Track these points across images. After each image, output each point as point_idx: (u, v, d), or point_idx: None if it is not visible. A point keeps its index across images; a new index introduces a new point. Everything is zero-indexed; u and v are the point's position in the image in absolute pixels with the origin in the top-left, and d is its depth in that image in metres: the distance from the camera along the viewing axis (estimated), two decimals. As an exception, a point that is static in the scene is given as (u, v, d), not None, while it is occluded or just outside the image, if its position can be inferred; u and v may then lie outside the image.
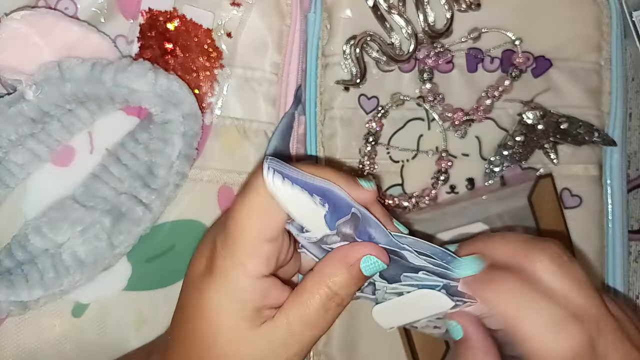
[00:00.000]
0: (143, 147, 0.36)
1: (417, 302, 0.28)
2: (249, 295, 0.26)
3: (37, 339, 0.36)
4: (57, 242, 0.35)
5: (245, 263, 0.26)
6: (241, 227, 0.26)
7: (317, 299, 0.27)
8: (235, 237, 0.26)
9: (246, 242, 0.26)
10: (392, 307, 0.29)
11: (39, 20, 0.35)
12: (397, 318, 0.30)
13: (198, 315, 0.27)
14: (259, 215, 0.26)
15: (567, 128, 0.39)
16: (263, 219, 0.26)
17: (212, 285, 0.27)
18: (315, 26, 0.39)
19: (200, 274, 0.28)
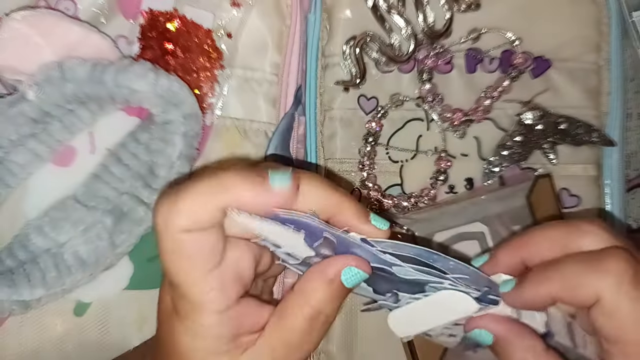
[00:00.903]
0: (144, 147, 0.36)
1: (438, 305, 0.27)
2: (220, 330, 0.25)
3: (39, 338, 0.36)
4: (58, 241, 0.35)
5: (200, 302, 0.24)
6: (174, 274, 0.24)
7: (300, 320, 0.25)
8: (175, 283, 0.25)
9: (190, 285, 0.24)
10: (410, 311, 0.28)
11: (40, 21, 0.35)
12: (414, 325, 0.29)
13: (175, 354, 0.26)
14: (179, 258, 0.24)
15: (566, 128, 0.39)
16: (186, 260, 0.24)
17: (182, 328, 0.25)
18: (315, 27, 0.39)
19: (169, 311, 0.26)
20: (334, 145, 0.40)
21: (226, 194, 0.24)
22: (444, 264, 0.26)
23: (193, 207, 0.23)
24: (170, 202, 0.24)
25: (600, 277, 0.24)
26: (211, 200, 0.23)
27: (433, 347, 0.38)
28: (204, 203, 0.23)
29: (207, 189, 0.24)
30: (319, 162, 0.39)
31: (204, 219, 0.24)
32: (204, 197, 0.24)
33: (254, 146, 0.39)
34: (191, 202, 0.23)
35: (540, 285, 0.26)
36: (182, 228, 0.23)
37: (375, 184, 0.39)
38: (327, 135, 0.40)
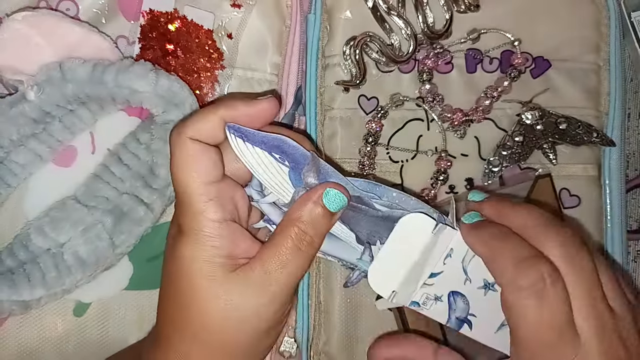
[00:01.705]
0: (144, 147, 0.36)
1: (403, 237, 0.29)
2: (218, 241, 0.28)
3: (38, 338, 0.36)
4: (58, 241, 0.35)
5: (201, 210, 0.27)
6: (179, 180, 0.28)
7: (288, 240, 0.28)
8: (180, 191, 0.28)
9: (193, 192, 0.28)
10: (383, 259, 0.29)
11: (41, 21, 0.35)
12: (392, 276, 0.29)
13: (176, 274, 0.28)
14: (187, 162, 0.28)
15: (565, 128, 0.39)
16: (192, 164, 0.28)
17: (183, 242, 0.28)
18: (315, 27, 0.39)
19: (172, 238, 0.29)
20: (334, 145, 0.40)
21: (225, 108, 0.29)
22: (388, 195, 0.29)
23: (198, 119, 0.28)
24: (183, 120, 0.29)
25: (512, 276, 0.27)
26: (213, 112, 0.28)
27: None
28: (207, 115, 0.28)
29: (211, 106, 0.29)
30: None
31: (207, 128, 0.28)
32: (207, 111, 0.29)
33: (254, 146, 0.39)
34: (197, 115, 0.29)
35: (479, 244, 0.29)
36: (189, 135, 0.28)
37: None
38: (327, 135, 0.40)
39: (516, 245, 0.27)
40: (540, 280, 0.26)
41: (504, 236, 0.28)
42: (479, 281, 0.30)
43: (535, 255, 0.27)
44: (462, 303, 0.30)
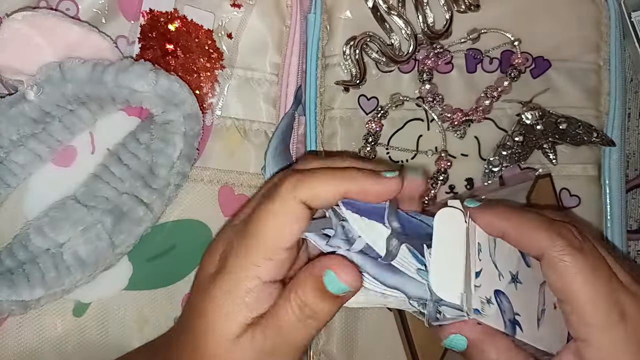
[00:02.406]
0: (144, 147, 0.36)
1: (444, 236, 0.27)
2: (252, 299, 0.26)
3: (38, 338, 0.36)
4: (58, 241, 0.35)
5: (258, 263, 0.26)
6: (263, 228, 0.26)
7: (291, 314, 0.26)
8: (256, 236, 0.26)
9: (265, 244, 0.26)
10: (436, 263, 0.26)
11: (41, 21, 0.35)
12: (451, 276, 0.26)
13: (198, 313, 0.27)
14: (283, 220, 0.26)
15: (565, 128, 0.39)
16: (286, 224, 0.26)
17: (218, 283, 0.27)
18: (315, 27, 0.39)
19: (209, 274, 0.28)
20: (334, 145, 0.40)
21: (350, 183, 0.27)
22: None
23: (320, 185, 0.26)
24: (302, 175, 0.27)
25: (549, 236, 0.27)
26: (337, 184, 0.27)
27: (433, 348, 0.37)
28: (330, 185, 0.27)
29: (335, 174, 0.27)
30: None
31: (323, 199, 0.27)
32: (332, 180, 0.27)
33: (254, 146, 0.39)
34: (321, 180, 0.27)
35: (499, 219, 0.28)
36: (302, 199, 0.26)
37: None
38: (327, 135, 0.40)
39: (534, 214, 0.28)
40: (575, 238, 0.27)
41: (518, 209, 0.28)
42: (508, 275, 0.28)
43: (555, 219, 0.27)
44: (506, 302, 0.28)
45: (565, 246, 0.26)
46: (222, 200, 0.39)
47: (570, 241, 0.27)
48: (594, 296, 0.26)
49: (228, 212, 0.39)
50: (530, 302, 0.28)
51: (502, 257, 0.28)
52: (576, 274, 0.26)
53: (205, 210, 0.38)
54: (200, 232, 0.38)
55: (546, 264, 0.27)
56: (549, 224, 0.27)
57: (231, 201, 0.39)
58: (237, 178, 0.39)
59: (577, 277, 0.26)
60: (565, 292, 0.27)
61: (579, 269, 0.26)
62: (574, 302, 0.26)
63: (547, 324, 0.29)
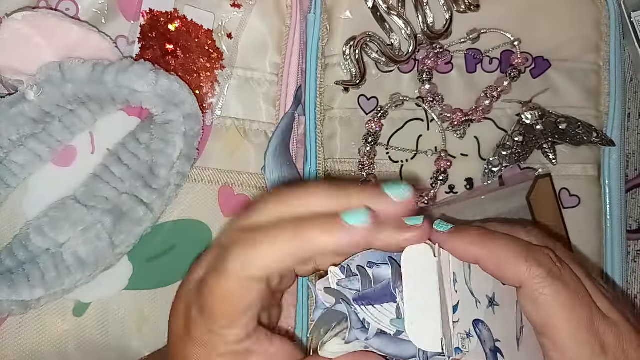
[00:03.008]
0: (144, 147, 0.36)
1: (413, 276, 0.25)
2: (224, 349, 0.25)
3: (38, 338, 0.36)
4: (58, 241, 0.35)
5: (222, 334, 0.25)
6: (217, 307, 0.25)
7: None
8: (212, 315, 0.25)
9: (223, 321, 0.25)
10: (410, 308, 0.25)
11: (41, 21, 0.35)
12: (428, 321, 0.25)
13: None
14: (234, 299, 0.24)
15: (565, 128, 0.39)
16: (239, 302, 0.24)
17: (191, 350, 0.26)
18: (315, 27, 0.39)
19: (180, 333, 0.27)
20: (334, 145, 0.40)
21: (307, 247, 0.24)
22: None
23: (272, 258, 0.24)
24: (251, 246, 0.24)
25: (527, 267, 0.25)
26: (291, 255, 0.24)
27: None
28: (283, 258, 0.24)
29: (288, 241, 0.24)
30: (319, 162, 0.39)
31: (277, 272, 0.24)
32: (284, 251, 0.24)
33: (254, 146, 0.39)
34: (273, 251, 0.24)
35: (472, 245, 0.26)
36: (253, 276, 0.24)
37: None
38: (327, 135, 0.40)
39: (510, 240, 0.26)
40: (554, 265, 0.25)
41: (493, 234, 0.26)
42: (484, 299, 0.27)
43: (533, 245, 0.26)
44: (486, 331, 0.26)
45: (545, 277, 0.25)
46: (222, 200, 0.39)
47: (549, 270, 0.25)
48: (574, 331, 0.25)
49: (228, 212, 0.39)
50: (508, 323, 0.26)
51: (477, 281, 0.26)
52: (556, 308, 0.25)
53: (205, 210, 0.38)
54: (200, 232, 0.38)
55: (524, 296, 0.25)
56: (527, 251, 0.25)
57: (231, 201, 0.39)
58: (237, 178, 0.39)
59: (557, 311, 0.25)
60: (545, 326, 0.25)
61: (559, 302, 0.25)
62: (554, 337, 0.25)
63: (526, 341, 0.27)
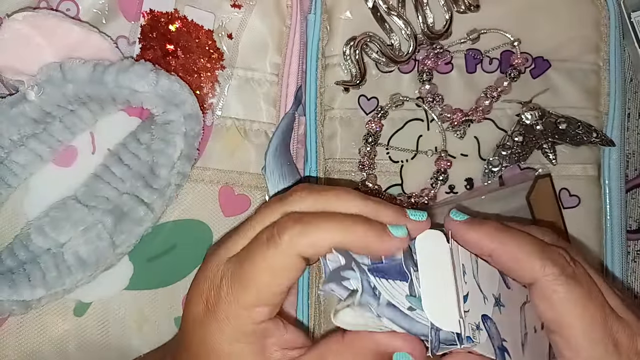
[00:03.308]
0: (145, 147, 0.36)
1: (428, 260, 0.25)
2: (252, 338, 0.26)
3: (39, 338, 0.36)
4: (59, 241, 0.35)
5: (253, 311, 0.26)
6: (257, 281, 0.25)
7: None
8: (248, 289, 0.25)
9: (259, 296, 0.25)
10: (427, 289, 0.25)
11: (41, 22, 0.35)
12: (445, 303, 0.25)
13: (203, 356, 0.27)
14: (279, 274, 0.25)
15: (565, 128, 0.39)
16: (282, 277, 0.25)
17: (215, 327, 0.26)
18: (315, 27, 0.39)
19: (201, 311, 0.27)
20: (334, 145, 0.40)
21: (354, 238, 0.25)
22: None
23: (323, 240, 0.25)
24: (304, 227, 0.25)
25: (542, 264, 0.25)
26: (341, 240, 0.25)
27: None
28: (334, 240, 0.25)
29: (340, 229, 0.25)
30: (319, 162, 0.39)
31: (322, 253, 0.25)
32: (336, 235, 0.25)
33: (254, 146, 0.39)
34: (324, 235, 0.25)
35: (489, 238, 0.26)
36: (302, 253, 0.25)
37: (376, 184, 0.39)
38: (327, 135, 0.40)
39: (526, 237, 0.26)
40: (568, 264, 0.25)
41: (509, 229, 0.26)
42: (491, 297, 0.26)
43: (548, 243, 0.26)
44: (494, 328, 0.26)
45: (559, 275, 0.25)
46: (223, 200, 0.39)
47: (563, 269, 0.25)
48: (588, 328, 0.25)
49: (228, 212, 0.39)
50: (513, 327, 0.26)
51: (484, 278, 0.26)
52: (570, 305, 0.25)
53: (205, 210, 0.38)
54: (200, 232, 0.38)
55: (537, 293, 0.26)
56: (542, 249, 0.26)
57: (231, 201, 0.39)
58: (238, 178, 0.39)
59: (571, 309, 0.25)
60: (558, 323, 0.25)
61: (573, 300, 0.25)
62: (568, 335, 0.25)
63: (530, 348, 0.27)
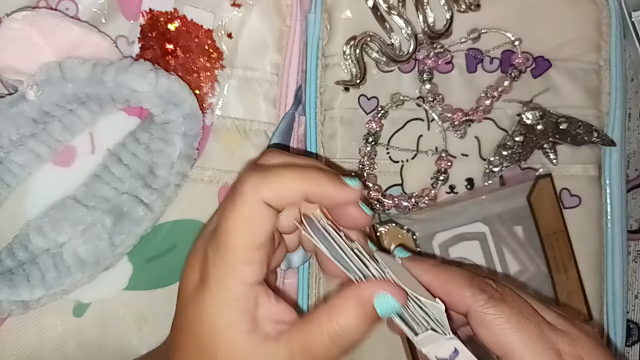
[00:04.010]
0: (144, 147, 0.36)
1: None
2: (244, 304, 0.26)
3: (38, 338, 0.36)
4: (58, 241, 0.35)
5: (238, 269, 0.26)
6: (233, 235, 0.26)
7: (324, 336, 0.26)
8: (227, 245, 0.26)
9: (239, 250, 0.26)
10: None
11: (40, 21, 0.35)
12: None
13: (197, 329, 0.27)
14: (250, 223, 0.26)
15: (566, 128, 0.39)
16: (254, 227, 0.26)
17: (208, 297, 0.26)
18: (315, 27, 0.39)
19: (194, 286, 0.27)
20: (334, 145, 0.40)
21: (312, 184, 0.27)
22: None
23: (283, 186, 0.26)
24: (264, 174, 0.26)
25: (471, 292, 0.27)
26: (300, 186, 0.26)
27: None
28: (293, 186, 0.26)
29: (297, 175, 0.27)
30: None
31: (286, 201, 0.27)
32: (294, 181, 0.27)
33: (254, 146, 0.39)
34: (283, 180, 0.26)
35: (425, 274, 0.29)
36: (265, 199, 0.26)
37: (376, 184, 0.39)
38: (327, 135, 0.40)
39: (457, 270, 0.29)
40: (495, 290, 0.27)
41: (444, 266, 0.29)
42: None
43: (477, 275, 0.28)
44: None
45: (488, 299, 0.27)
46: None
47: (491, 294, 0.27)
48: (529, 343, 0.26)
49: (228, 212, 0.39)
50: None
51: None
52: (504, 324, 0.26)
53: (205, 210, 0.38)
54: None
55: (473, 321, 0.27)
56: (470, 280, 0.28)
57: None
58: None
59: (507, 327, 0.26)
60: (500, 345, 0.26)
61: (505, 319, 0.26)
62: (511, 354, 0.26)
63: None
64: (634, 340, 0.43)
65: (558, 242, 0.39)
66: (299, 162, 0.29)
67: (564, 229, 0.39)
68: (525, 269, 0.39)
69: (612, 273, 0.40)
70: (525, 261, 0.39)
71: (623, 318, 0.40)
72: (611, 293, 0.40)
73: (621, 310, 0.40)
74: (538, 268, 0.39)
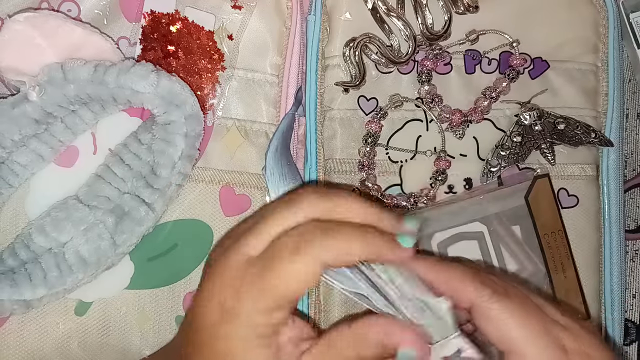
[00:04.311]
0: (146, 147, 0.36)
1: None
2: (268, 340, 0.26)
3: (40, 337, 0.36)
4: (60, 241, 0.35)
5: (270, 316, 0.26)
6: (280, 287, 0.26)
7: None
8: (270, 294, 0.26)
9: (279, 300, 0.26)
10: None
11: (42, 22, 0.35)
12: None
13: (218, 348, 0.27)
14: (304, 283, 0.26)
15: (564, 129, 0.40)
16: (306, 286, 0.26)
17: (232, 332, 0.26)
18: (315, 28, 0.39)
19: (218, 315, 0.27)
20: (334, 145, 0.40)
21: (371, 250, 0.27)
22: None
23: (345, 253, 0.26)
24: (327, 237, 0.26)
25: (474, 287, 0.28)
26: (361, 252, 0.27)
27: None
28: (355, 252, 0.26)
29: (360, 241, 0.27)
30: (319, 162, 0.40)
31: (342, 263, 0.27)
32: (356, 248, 0.26)
33: (254, 147, 0.39)
34: (346, 247, 0.26)
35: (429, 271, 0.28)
36: (326, 262, 0.26)
37: (375, 184, 0.40)
38: (327, 135, 0.40)
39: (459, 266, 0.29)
40: (498, 286, 0.28)
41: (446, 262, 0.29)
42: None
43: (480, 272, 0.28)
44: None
45: (492, 294, 0.27)
46: (223, 201, 0.39)
47: (494, 289, 0.27)
48: (533, 338, 0.26)
49: (229, 212, 0.39)
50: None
51: None
52: (508, 319, 0.26)
53: (206, 210, 0.38)
54: (201, 232, 0.38)
55: (478, 315, 0.27)
56: (474, 275, 0.28)
57: (232, 201, 0.39)
58: (238, 178, 0.39)
59: (511, 322, 0.26)
60: (504, 340, 0.27)
61: (509, 313, 0.27)
62: (516, 348, 0.26)
63: None
64: (632, 339, 0.43)
65: (556, 241, 0.39)
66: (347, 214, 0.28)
67: (562, 229, 0.39)
68: (523, 269, 0.39)
69: (610, 272, 0.41)
70: (523, 261, 0.39)
71: (621, 317, 0.41)
72: (609, 292, 0.40)
73: (619, 310, 0.40)
74: (536, 267, 0.39)
